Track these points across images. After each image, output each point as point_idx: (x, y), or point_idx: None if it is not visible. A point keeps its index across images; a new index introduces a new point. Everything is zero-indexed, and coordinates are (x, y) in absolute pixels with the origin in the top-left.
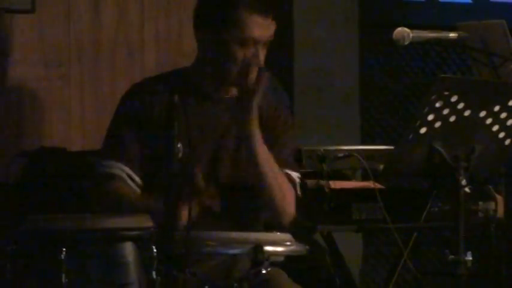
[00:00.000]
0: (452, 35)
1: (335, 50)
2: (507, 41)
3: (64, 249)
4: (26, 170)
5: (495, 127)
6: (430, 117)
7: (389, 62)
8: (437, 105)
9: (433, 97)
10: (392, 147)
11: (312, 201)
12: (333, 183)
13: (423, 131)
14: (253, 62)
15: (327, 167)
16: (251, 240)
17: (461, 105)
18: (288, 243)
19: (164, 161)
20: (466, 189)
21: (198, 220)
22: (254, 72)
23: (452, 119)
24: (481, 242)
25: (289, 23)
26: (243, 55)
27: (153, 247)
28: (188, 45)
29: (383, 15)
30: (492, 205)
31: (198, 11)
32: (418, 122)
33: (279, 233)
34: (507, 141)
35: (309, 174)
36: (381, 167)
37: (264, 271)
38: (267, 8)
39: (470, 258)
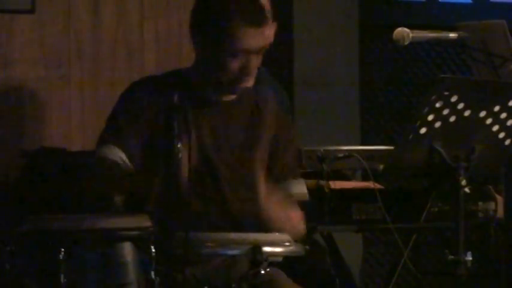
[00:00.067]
0: (452, 35)
1: (335, 50)
2: (507, 41)
3: (63, 249)
4: (26, 170)
5: (495, 127)
6: (430, 117)
7: (389, 62)
8: (438, 105)
9: (433, 97)
10: (392, 148)
11: (312, 201)
12: (332, 184)
13: (423, 131)
14: (244, 72)
15: (327, 167)
16: (250, 240)
17: (461, 106)
18: (287, 244)
19: (164, 161)
20: (466, 190)
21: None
22: (246, 81)
23: (452, 119)
24: (481, 242)
25: (289, 23)
26: (234, 65)
27: (152, 247)
28: (188, 45)
29: (383, 15)
30: (492, 205)
31: (192, 19)
32: (418, 122)
33: (277, 233)
34: (507, 142)
35: (308, 175)
36: (380, 167)
37: (263, 272)
38: (259, 19)
39: (470, 259)
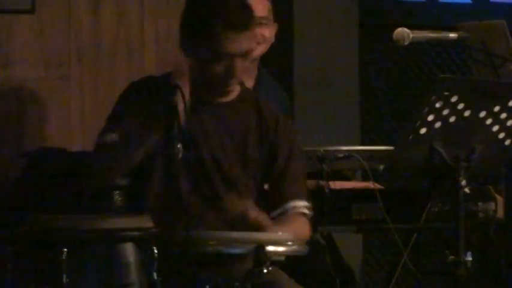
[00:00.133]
0: (452, 35)
1: (335, 50)
2: (507, 41)
3: (65, 249)
4: (26, 170)
5: (495, 127)
6: (430, 117)
7: (389, 62)
8: (437, 105)
9: (433, 97)
10: (392, 148)
11: (312, 202)
12: (332, 184)
13: (423, 131)
14: (228, 75)
15: (327, 168)
16: (253, 240)
17: (461, 106)
18: (290, 243)
19: (164, 161)
20: (466, 190)
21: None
22: (231, 84)
23: (452, 119)
24: (481, 242)
25: (289, 23)
26: (218, 69)
27: (154, 248)
28: None
29: (383, 15)
30: (492, 205)
31: (181, 24)
32: (418, 123)
33: (280, 232)
34: (507, 142)
35: (308, 175)
36: (380, 167)
37: (266, 271)
38: (242, 23)
39: (470, 259)
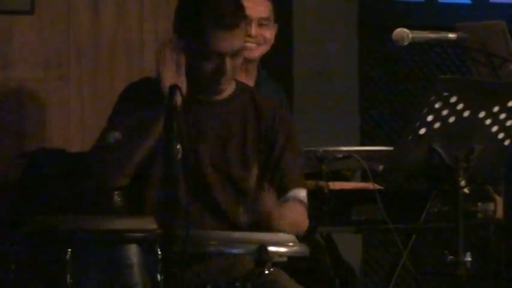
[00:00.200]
0: (452, 35)
1: (334, 50)
2: (506, 41)
3: (69, 250)
4: (26, 170)
5: (494, 128)
6: (430, 118)
7: (389, 63)
8: (437, 106)
9: (432, 98)
10: (391, 148)
11: (312, 202)
12: (332, 184)
13: (422, 131)
14: (218, 74)
15: (327, 168)
16: (254, 240)
17: (460, 106)
18: (291, 244)
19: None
20: (465, 190)
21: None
22: (222, 83)
23: (451, 119)
24: (481, 242)
25: (289, 23)
26: (208, 68)
27: (158, 249)
28: None
29: (383, 16)
30: (491, 206)
31: (173, 22)
32: (418, 123)
33: (281, 233)
34: (506, 142)
35: (308, 175)
36: (380, 168)
37: (267, 271)
38: (233, 22)
39: (470, 259)
